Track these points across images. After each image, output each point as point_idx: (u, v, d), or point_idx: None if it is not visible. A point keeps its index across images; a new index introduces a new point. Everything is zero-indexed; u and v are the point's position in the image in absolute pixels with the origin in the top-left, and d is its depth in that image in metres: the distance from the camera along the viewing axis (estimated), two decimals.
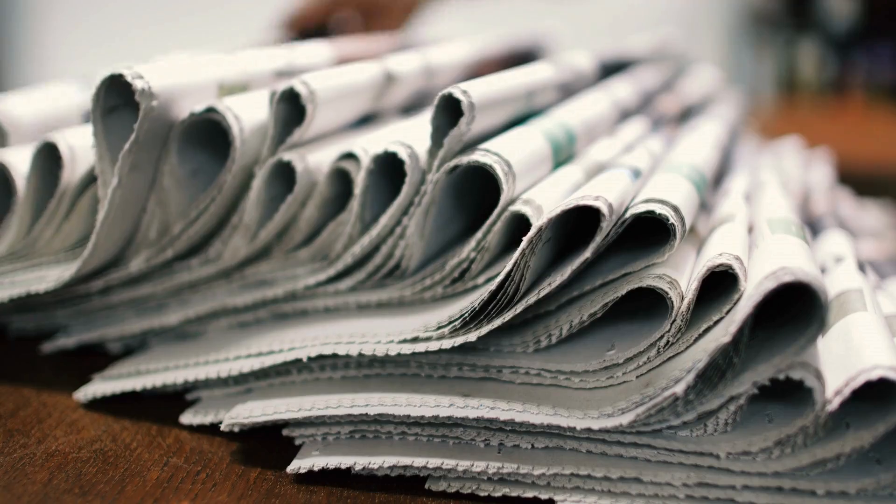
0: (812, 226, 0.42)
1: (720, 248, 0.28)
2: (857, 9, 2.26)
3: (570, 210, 0.26)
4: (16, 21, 1.99)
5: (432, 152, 0.30)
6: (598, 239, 0.27)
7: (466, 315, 0.28)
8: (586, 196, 0.26)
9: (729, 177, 0.43)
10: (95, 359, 0.35)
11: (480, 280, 0.30)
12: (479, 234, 0.30)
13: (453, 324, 0.28)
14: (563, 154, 0.34)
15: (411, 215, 0.30)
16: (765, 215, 0.32)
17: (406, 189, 0.30)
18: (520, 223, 0.29)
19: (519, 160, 0.30)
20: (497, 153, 0.29)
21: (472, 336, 0.28)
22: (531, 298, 0.27)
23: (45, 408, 0.32)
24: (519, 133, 0.32)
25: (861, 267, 0.33)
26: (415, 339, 0.28)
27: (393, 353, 0.28)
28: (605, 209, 0.26)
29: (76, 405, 0.32)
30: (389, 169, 0.31)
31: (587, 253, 0.27)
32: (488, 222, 0.30)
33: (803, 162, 0.57)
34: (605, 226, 0.26)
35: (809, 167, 0.56)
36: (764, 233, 0.29)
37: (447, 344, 0.28)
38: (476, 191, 0.33)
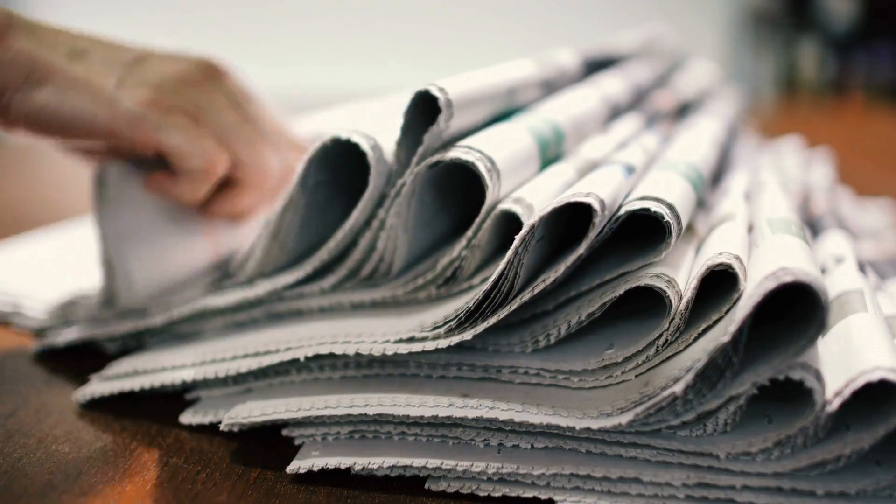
0: (812, 226, 0.42)
1: (720, 247, 0.28)
2: (857, 9, 2.26)
3: (564, 208, 0.26)
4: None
5: (402, 143, 0.29)
6: (592, 235, 0.26)
7: (462, 315, 0.28)
8: (577, 193, 0.26)
9: (728, 175, 0.43)
10: (95, 358, 0.35)
11: (475, 280, 0.30)
12: (469, 233, 0.29)
13: (448, 324, 0.28)
14: (550, 152, 0.33)
15: (387, 207, 0.30)
16: (765, 215, 0.32)
17: (373, 181, 0.30)
18: (511, 223, 0.29)
19: (503, 157, 0.29)
20: (480, 150, 0.29)
21: (467, 335, 0.27)
22: (525, 296, 0.27)
23: (45, 408, 0.32)
24: (503, 129, 0.31)
25: (861, 267, 0.33)
26: (410, 339, 0.28)
27: (389, 352, 0.28)
28: (596, 205, 0.26)
29: (76, 405, 0.32)
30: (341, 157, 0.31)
31: (581, 249, 0.27)
32: (478, 220, 0.29)
33: (803, 162, 0.57)
34: (598, 222, 0.26)
35: (809, 167, 0.56)
36: (764, 232, 0.29)
37: (443, 343, 0.28)
38: (462, 189, 0.32)
